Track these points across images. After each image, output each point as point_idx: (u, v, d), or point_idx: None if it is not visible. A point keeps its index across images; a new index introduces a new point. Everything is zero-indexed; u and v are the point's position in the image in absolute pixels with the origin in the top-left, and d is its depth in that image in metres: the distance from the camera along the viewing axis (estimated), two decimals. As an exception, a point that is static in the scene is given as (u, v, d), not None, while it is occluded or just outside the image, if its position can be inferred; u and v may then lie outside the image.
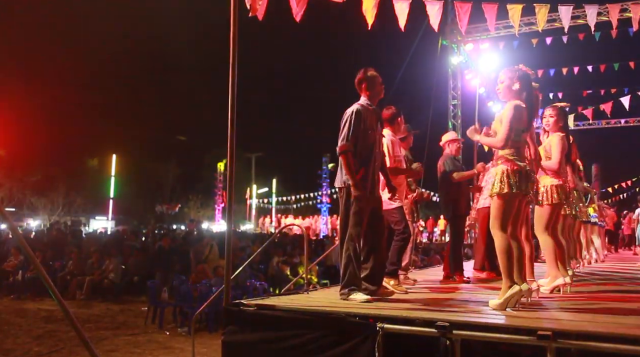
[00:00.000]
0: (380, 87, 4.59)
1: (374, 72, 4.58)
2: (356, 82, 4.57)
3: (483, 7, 5.07)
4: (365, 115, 4.40)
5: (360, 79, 4.53)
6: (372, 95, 4.55)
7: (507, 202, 3.92)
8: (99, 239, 18.05)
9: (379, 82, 4.59)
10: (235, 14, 4.25)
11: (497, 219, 3.94)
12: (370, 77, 4.53)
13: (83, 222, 33.22)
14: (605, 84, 16.76)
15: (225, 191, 38.55)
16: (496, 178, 3.95)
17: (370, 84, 4.52)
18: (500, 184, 3.90)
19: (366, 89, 4.52)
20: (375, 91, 4.56)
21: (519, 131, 3.96)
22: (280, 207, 44.48)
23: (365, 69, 4.57)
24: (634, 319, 3.57)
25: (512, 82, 4.07)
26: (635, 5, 5.16)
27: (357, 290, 4.22)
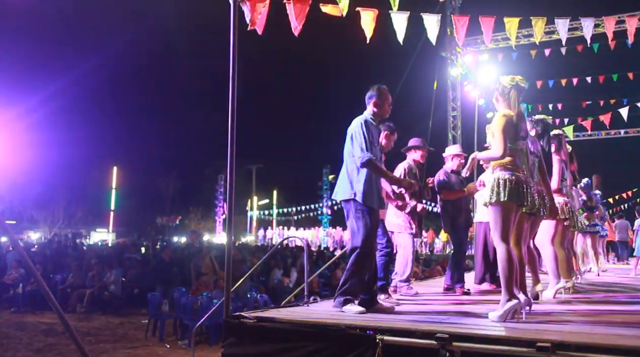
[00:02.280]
0: (388, 107, 4.63)
1: (387, 91, 4.62)
2: (367, 96, 4.59)
3: (480, 20, 5.12)
4: (371, 129, 4.45)
5: (373, 95, 4.56)
6: (378, 113, 4.58)
7: (503, 211, 3.91)
8: (100, 252, 18.03)
9: (389, 102, 4.63)
10: (235, 28, 4.30)
11: (496, 230, 3.94)
12: (382, 95, 4.57)
13: (84, 235, 33.23)
14: (604, 94, 16.85)
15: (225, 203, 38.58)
16: (490, 187, 3.96)
17: (381, 101, 4.55)
18: (492, 193, 3.91)
19: (375, 105, 4.54)
20: (383, 110, 4.60)
21: (514, 139, 3.99)
22: (281, 219, 44.44)
23: (380, 86, 4.60)
24: (633, 330, 3.57)
25: (502, 93, 4.15)
26: (630, 18, 5.22)
27: (351, 301, 4.25)
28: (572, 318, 4.10)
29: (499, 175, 3.94)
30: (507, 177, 3.91)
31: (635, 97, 14.71)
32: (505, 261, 3.86)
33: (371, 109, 4.56)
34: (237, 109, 4.21)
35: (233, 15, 4.24)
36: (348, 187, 4.40)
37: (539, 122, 5.45)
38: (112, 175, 34.22)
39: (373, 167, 4.32)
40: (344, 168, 4.51)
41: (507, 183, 3.89)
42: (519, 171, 3.99)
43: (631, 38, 5.36)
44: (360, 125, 4.38)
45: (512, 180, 3.91)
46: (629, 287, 7.30)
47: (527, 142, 4.26)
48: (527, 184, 4.02)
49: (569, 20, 5.35)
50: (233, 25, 4.24)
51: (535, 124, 5.45)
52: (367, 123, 4.43)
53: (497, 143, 3.92)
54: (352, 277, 4.29)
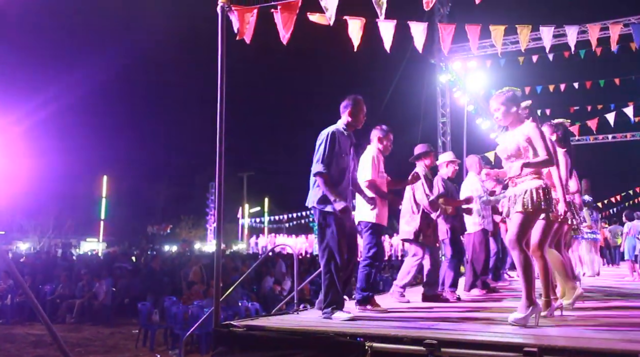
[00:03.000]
0: (362, 118, 4.68)
1: (362, 101, 4.66)
2: (343, 105, 4.62)
3: (466, 28, 5.19)
4: (340, 139, 4.47)
5: (348, 104, 4.59)
6: (352, 123, 4.61)
7: (531, 219, 3.94)
8: (90, 262, 17.91)
9: (364, 112, 4.68)
10: (223, 37, 4.31)
11: (518, 235, 3.92)
12: (357, 105, 4.61)
13: (74, 244, 32.95)
14: (591, 100, 17.01)
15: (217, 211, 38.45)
16: (526, 195, 3.92)
17: (356, 111, 4.60)
18: (536, 199, 3.89)
19: (350, 114, 4.58)
20: (357, 120, 4.64)
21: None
22: (273, 226, 44.39)
23: (355, 96, 4.64)
24: (621, 334, 3.60)
25: (510, 106, 4.10)
26: (614, 25, 5.31)
27: (339, 309, 4.25)
28: (563, 322, 4.12)
29: (537, 184, 3.94)
30: (544, 186, 3.94)
31: (621, 103, 14.89)
32: (524, 266, 3.87)
33: (346, 118, 4.60)
34: (227, 117, 4.23)
35: (221, 25, 4.27)
36: (311, 194, 4.45)
37: (559, 126, 5.31)
38: (102, 184, 34.03)
39: (322, 180, 4.32)
40: (312, 175, 4.51)
41: (544, 191, 3.92)
42: (544, 179, 4.03)
43: (614, 45, 5.44)
44: (327, 135, 4.42)
45: (546, 188, 3.95)
46: (621, 291, 7.35)
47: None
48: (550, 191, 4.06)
49: (554, 28, 5.42)
50: (221, 34, 4.26)
51: (556, 128, 5.29)
52: (337, 133, 4.46)
53: (543, 150, 3.91)
54: (331, 287, 4.28)
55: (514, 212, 3.99)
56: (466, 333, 3.62)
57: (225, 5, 4.28)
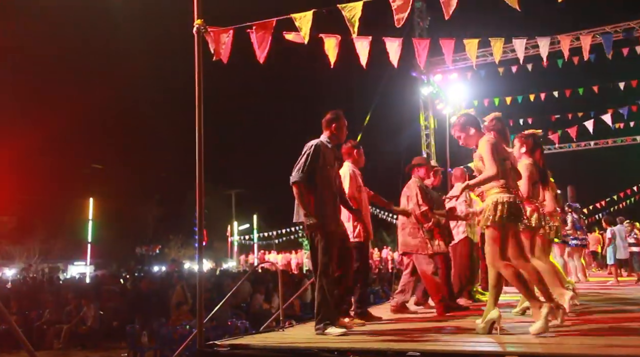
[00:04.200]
0: (345, 133, 4.79)
1: (343, 116, 4.75)
2: (327, 120, 4.70)
3: (441, 42, 5.30)
4: (325, 151, 4.52)
5: (332, 119, 4.68)
6: (335, 136, 4.70)
7: (501, 232, 3.99)
8: (77, 285, 17.69)
9: (346, 127, 4.78)
10: (200, 58, 4.37)
11: (494, 251, 3.99)
12: (341, 120, 4.71)
13: (61, 269, 32.55)
14: (572, 108, 17.28)
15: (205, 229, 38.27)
16: (488, 209, 4.02)
17: (339, 126, 4.70)
18: (493, 214, 3.97)
19: (334, 129, 4.67)
20: (340, 134, 4.74)
21: (502, 160, 4.09)
22: (263, 243, 44.17)
23: (338, 111, 4.74)
24: (603, 339, 3.65)
25: (467, 130, 4.29)
26: (585, 36, 5.44)
27: (331, 324, 4.24)
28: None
29: (496, 198, 4.02)
30: (506, 199, 3.99)
31: (600, 110, 15.15)
32: (514, 277, 3.90)
33: (329, 132, 4.67)
34: (214, 135, 4.28)
35: (197, 47, 4.32)
36: (298, 209, 4.46)
37: (528, 137, 5.39)
38: (89, 206, 33.72)
39: (298, 190, 4.36)
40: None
41: (506, 205, 3.97)
42: (512, 192, 4.08)
43: (586, 55, 5.58)
44: (311, 147, 4.47)
45: (510, 202, 4.00)
46: (605, 296, 7.42)
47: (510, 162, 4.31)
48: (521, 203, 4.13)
49: (527, 40, 5.55)
50: (198, 56, 4.31)
51: (525, 139, 5.38)
52: (321, 146, 4.52)
53: (489, 164, 4.00)
54: (323, 303, 4.28)
55: (484, 228, 4.10)
56: (449, 344, 3.66)
57: (201, 26, 4.33)
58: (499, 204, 3.98)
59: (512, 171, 4.26)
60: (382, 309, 6.13)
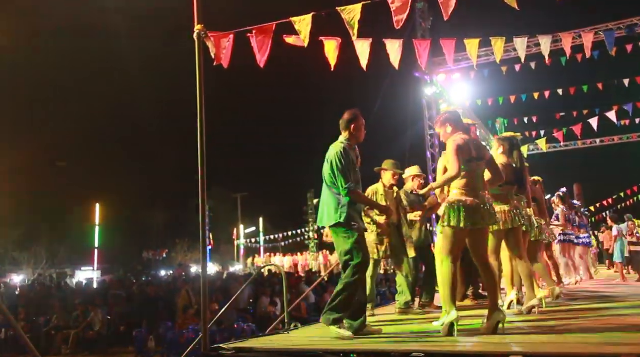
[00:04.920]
0: (363, 132, 4.70)
1: (361, 115, 4.70)
2: (346, 120, 4.62)
3: (441, 43, 5.29)
4: (350, 155, 4.50)
5: (350, 120, 4.61)
6: (354, 137, 4.64)
7: (454, 235, 4.05)
8: (84, 291, 17.76)
9: (364, 127, 4.71)
10: (201, 63, 4.39)
11: (444, 249, 4.08)
12: (359, 119, 4.65)
13: (69, 274, 32.70)
14: (577, 106, 17.23)
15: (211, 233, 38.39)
16: (445, 212, 4.10)
17: (358, 126, 4.63)
18: (447, 218, 4.05)
19: (353, 129, 4.61)
20: (360, 135, 4.66)
21: (466, 161, 4.11)
22: (269, 246, 44.23)
23: (355, 111, 4.67)
24: (598, 337, 3.63)
25: (445, 127, 4.34)
26: (586, 34, 5.43)
27: (339, 323, 4.21)
28: (548, 329, 4.14)
29: (452, 200, 4.09)
30: (462, 203, 4.04)
31: (606, 108, 15.08)
32: (446, 277, 4.02)
33: (349, 133, 4.61)
34: (220, 139, 4.30)
35: (198, 52, 4.34)
36: (332, 212, 4.42)
37: (505, 140, 5.49)
38: (95, 212, 33.87)
39: (357, 197, 4.42)
40: (326, 193, 4.53)
41: (462, 209, 4.02)
42: (473, 195, 4.10)
43: (588, 52, 5.57)
44: (340, 153, 4.42)
45: (467, 205, 4.04)
46: (608, 295, 7.38)
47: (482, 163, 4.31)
48: (484, 205, 4.13)
49: (528, 39, 5.54)
50: (199, 61, 4.34)
51: (502, 142, 5.49)
52: (346, 150, 4.48)
53: (451, 164, 4.08)
54: (341, 294, 4.25)
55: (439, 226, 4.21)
56: (454, 344, 3.65)
57: (201, 32, 4.36)
58: (452, 208, 4.05)
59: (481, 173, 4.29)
60: (388, 310, 6.11)
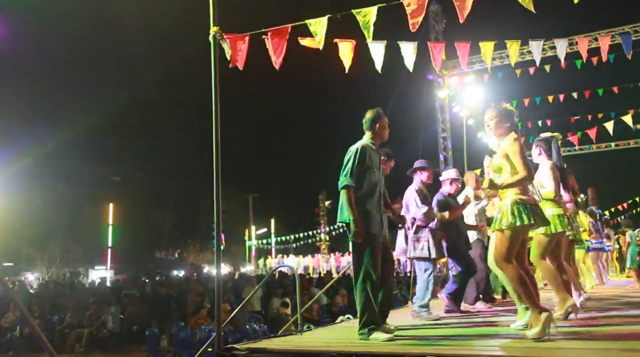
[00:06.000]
0: (386, 130, 4.68)
1: (384, 115, 4.67)
2: (369, 120, 4.61)
3: (456, 45, 5.28)
4: (370, 154, 4.46)
5: (374, 119, 4.60)
6: (378, 136, 4.63)
7: (515, 236, 3.94)
8: (98, 290, 17.92)
9: (387, 125, 4.69)
10: (216, 65, 4.42)
11: (502, 255, 3.94)
12: (382, 118, 4.63)
13: (82, 273, 32.99)
14: (592, 109, 17.06)
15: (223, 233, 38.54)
16: (507, 210, 3.95)
17: (383, 125, 4.63)
18: (508, 218, 3.92)
19: (377, 128, 4.60)
20: (384, 133, 4.66)
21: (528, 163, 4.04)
22: (280, 247, 44.33)
23: (378, 110, 4.66)
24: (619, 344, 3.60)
25: (502, 118, 4.20)
26: (603, 37, 5.39)
27: (377, 329, 4.14)
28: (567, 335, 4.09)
29: (515, 199, 3.96)
30: (524, 200, 3.96)
31: (621, 111, 14.93)
32: (518, 280, 3.87)
33: (373, 133, 4.59)
34: (231, 140, 4.32)
35: (214, 54, 4.37)
36: (344, 211, 4.37)
37: (541, 142, 5.36)
38: (109, 211, 34.16)
39: (345, 195, 4.30)
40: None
41: (525, 206, 3.93)
42: (527, 194, 4.04)
43: (604, 56, 5.53)
44: (357, 150, 4.40)
45: (529, 203, 3.96)
46: (624, 300, 7.30)
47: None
48: (537, 205, 4.09)
49: (543, 42, 5.51)
50: (214, 62, 4.37)
51: (539, 143, 5.36)
52: (367, 148, 4.45)
53: (520, 166, 3.95)
54: (367, 307, 4.18)
55: (495, 230, 4.05)
56: (465, 348, 3.64)
57: (217, 34, 4.39)
58: (510, 207, 3.94)
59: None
60: (401, 314, 6.10)
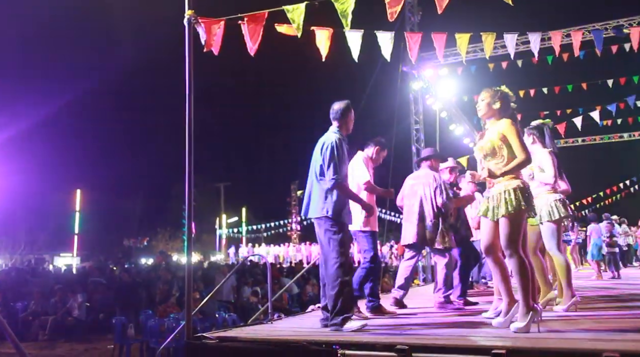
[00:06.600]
0: (352, 123, 4.70)
1: (351, 106, 4.68)
2: (338, 111, 4.59)
3: (433, 36, 5.29)
4: (343, 146, 4.46)
5: (342, 110, 4.59)
6: (345, 128, 4.63)
7: (520, 221, 3.89)
8: (63, 277, 17.56)
9: (353, 118, 4.70)
10: (190, 49, 4.33)
11: (514, 241, 3.86)
12: (350, 110, 4.64)
13: (47, 260, 32.28)
14: (561, 105, 17.38)
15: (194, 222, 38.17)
16: (509, 196, 3.87)
17: (351, 118, 4.64)
18: (516, 201, 3.84)
19: (346, 121, 4.60)
20: (350, 126, 4.67)
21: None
22: (251, 236, 44.19)
23: (347, 102, 4.65)
24: (587, 333, 3.69)
25: (494, 100, 4.15)
26: (575, 32, 5.48)
27: (350, 318, 4.17)
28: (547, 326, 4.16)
29: (515, 185, 3.91)
30: (523, 186, 3.92)
31: (589, 107, 15.26)
32: (523, 273, 3.83)
33: (340, 124, 4.59)
34: (203, 127, 4.24)
35: (188, 37, 4.28)
36: (320, 205, 4.39)
37: (533, 130, 5.34)
38: (76, 197, 33.45)
39: (342, 189, 4.36)
40: (314, 185, 4.49)
41: (524, 191, 3.89)
42: (522, 178, 4.02)
43: (576, 51, 5.62)
44: (334, 144, 4.39)
45: (526, 188, 3.93)
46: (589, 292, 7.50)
47: None
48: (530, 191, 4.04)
49: (518, 35, 5.56)
50: (188, 47, 4.27)
51: (531, 131, 5.34)
52: (340, 141, 4.45)
53: (520, 149, 3.90)
54: (340, 295, 4.20)
55: (499, 216, 3.93)
56: (437, 337, 3.67)
57: (192, 17, 4.29)
58: (513, 191, 3.87)
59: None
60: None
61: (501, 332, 3.80)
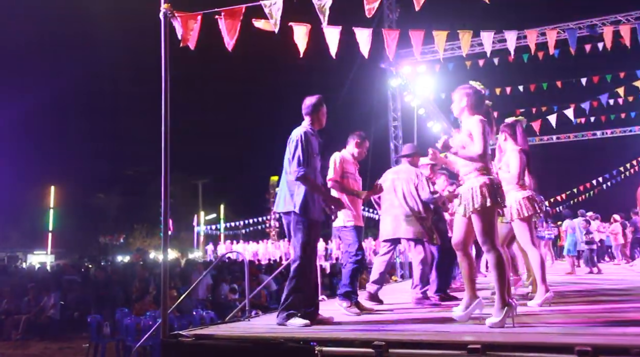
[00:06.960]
0: (325, 117, 4.70)
1: (323, 101, 4.68)
2: (309, 106, 4.59)
3: (410, 33, 5.31)
4: (311, 140, 4.46)
5: (314, 105, 4.59)
6: (317, 122, 4.63)
7: (491, 215, 3.94)
8: (37, 275, 17.25)
9: (325, 112, 4.70)
10: (166, 44, 4.27)
11: (489, 235, 3.92)
12: (324, 105, 4.65)
13: (20, 258, 31.69)
14: (536, 103, 17.64)
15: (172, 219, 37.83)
16: (476, 192, 3.93)
17: (323, 112, 4.65)
18: (482, 197, 3.89)
19: (318, 116, 4.60)
20: (322, 120, 4.67)
21: (488, 145, 4.04)
22: (229, 233, 43.93)
23: (319, 96, 4.65)
24: (560, 328, 3.74)
25: (461, 99, 4.21)
26: (550, 31, 5.55)
27: (295, 315, 4.21)
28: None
29: (483, 180, 3.95)
30: (491, 181, 3.96)
31: (563, 105, 15.52)
32: (500, 267, 3.86)
33: (312, 118, 4.59)
34: (180, 124, 4.19)
35: (164, 32, 4.22)
36: (288, 199, 4.39)
37: (505, 127, 5.42)
38: (50, 194, 32.86)
39: (306, 182, 4.32)
40: (283, 179, 4.50)
41: (492, 186, 3.93)
42: (492, 175, 4.06)
43: (552, 49, 5.70)
44: (300, 137, 4.39)
45: (494, 183, 3.97)
46: (563, 287, 7.62)
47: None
48: (500, 186, 4.09)
49: (494, 33, 5.61)
50: (164, 41, 4.22)
51: (504, 128, 5.42)
52: (307, 134, 4.45)
53: (479, 145, 3.94)
54: (294, 292, 4.25)
55: (470, 213, 3.99)
56: (414, 333, 3.70)
57: (168, 11, 4.23)
58: (479, 188, 3.92)
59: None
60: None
61: (476, 327, 3.84)
